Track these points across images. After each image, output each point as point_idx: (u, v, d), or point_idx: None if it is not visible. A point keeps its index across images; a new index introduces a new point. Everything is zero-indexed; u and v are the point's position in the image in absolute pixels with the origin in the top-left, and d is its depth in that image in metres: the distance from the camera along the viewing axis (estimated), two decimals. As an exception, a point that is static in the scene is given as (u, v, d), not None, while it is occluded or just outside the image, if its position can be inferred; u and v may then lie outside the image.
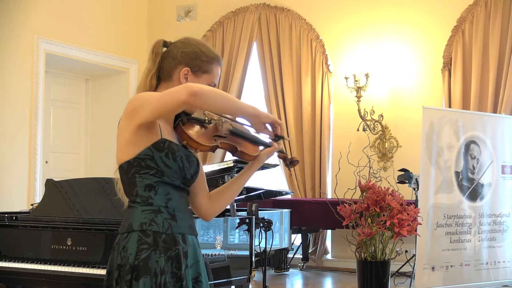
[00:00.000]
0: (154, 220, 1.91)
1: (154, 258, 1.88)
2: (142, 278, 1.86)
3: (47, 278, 3.45)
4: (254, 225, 4.04)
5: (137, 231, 1.90)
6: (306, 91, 7.41)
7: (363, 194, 4.85)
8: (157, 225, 1.90)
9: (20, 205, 6.08)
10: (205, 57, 2.03)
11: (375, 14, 7.25)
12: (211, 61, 2.04)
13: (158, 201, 1.92)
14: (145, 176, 1.92)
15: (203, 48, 2.05)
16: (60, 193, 3.77)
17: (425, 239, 5.21)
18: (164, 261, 1.89)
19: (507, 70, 6.50)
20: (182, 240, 1.94)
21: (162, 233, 1.90)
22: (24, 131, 6.82)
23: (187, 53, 2.02)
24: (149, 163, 1.91)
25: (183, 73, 2.00)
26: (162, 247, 1.89)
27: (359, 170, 5.12)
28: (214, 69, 2.05)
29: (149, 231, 1.90)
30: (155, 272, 1.87)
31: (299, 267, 7.23)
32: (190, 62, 2.01)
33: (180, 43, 2.07)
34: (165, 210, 1.92)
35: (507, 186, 5.75)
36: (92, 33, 7.62)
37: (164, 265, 1.88)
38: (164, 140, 1.92)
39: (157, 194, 1.92)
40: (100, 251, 3.37)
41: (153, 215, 1.91)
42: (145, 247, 1.89)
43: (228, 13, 7.91)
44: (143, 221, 1.91)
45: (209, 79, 2.03)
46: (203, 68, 2.02)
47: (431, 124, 5.34)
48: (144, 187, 1.92)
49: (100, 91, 8.27)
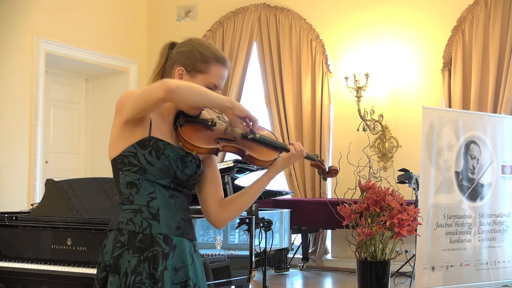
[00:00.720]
0: (132, 219, 1.89)
1: (126, 257, 1.87)
2: (110, 276, 1.87)
3: (47, 278, 3.45)
4: (254, 225, 4.04)
5: (114, 229, 1.91)
6: (306, 91, 7.41)
7: (363, 194, 4.86)
8: (134, 225, 1.88)
9: (20, 205, 6.09)
10: (200, 56, 1.98)
11: (375, 14, 7.25)
12: (207, 60, 1.98)
13: (138, 199, 1.90)
14: (127, 173, 1.91)
15: (199, 47, 2.00)
16: (60, 193, 3.77)
17: (425, 239, 5.21)
18: (138, 261, 1.86)
19: (507, 70, 6.50)
20: (164, 241, 1.90)
21: (138, 233, 1.88)
22: (24, 131, 6.82)
23: (181, 52, 2.01)
24: (132, 160, 1.90)
25: (178, 73, 1.98)
26: (137, 247, 1.87)
27: (359, 170, 5.13)
28: (213, 69, 1.98)
29: (124, 230, 1.89)
30: (126, 271, 1.86)
31: (299, 267, 7.23)
32: (185, 61, 1.99)
33: (180, 43, 2.05)
34: (145, 209, 1.89)
35: (507, 186, 5.75)
36: (92, 33, 7.62)
37: (137, 265, 1.86)
38: (150, 138, 1.90)
39: (138, 192, 1.90)
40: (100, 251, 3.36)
41: (131, 215, 1.90)
42: (119, 245, 1.88)
43: (228, 13, 7.91)
44: (121, 220, 1.90)
45: (205, 79, 1.97)
46: (197, 67, 1.98)
47: (431, 124, 5.34)
48: (126, 184, 1.91)
49: (100, 91, 8.27)
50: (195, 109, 1.97)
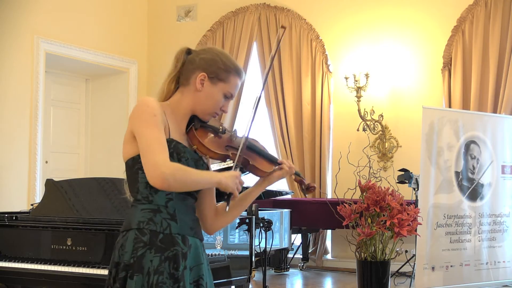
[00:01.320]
0: (152, 219, 1.91)
1: (148, 257, 1.88)
2: (135, 276, 1.87)
3: (47, 278, 3.45)
4: (254, 225, 4.04)
5: (134, 229, 1.92)
6: (306, 91, 7.41)
7: (363, 194, 4.86)
8: (155, 224, 1.91)
9: (20, 205, 6.09)
10: (223, 65, 2.04)
11: (375, 14, 7.25)
12: (228, 69, 2.05)
13: (158, 199, 1.93)
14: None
15: (223, 56, 2.07)
16: (60, 193, 3.77)
17: (425, 239, 5.21)
18: (160, 261, 1.88)
19: (507, 70, 6.50)
20: (182, 241, 1.94)
21: (159, 232, 1.90)
22: (24, 131, 6.82)
23: (205, 59, 2.04)
24: None
25: (200, 78, 2.02)
26: (159, 246, 1.89)
27: (359, 170, 5.13)
28: (232, 79, 2.05)
29: (146, 229, 1.90)
30: (148, 271, 1.87)
31: (299, 267, 7.23)
32: (208, 68, 2.03)
33: (201, 50, 2.09)
34: (164, 209, 1.93)
35: (507, 186, 5.75)
36: (92, 33, 7.62)
37: (159, 265, 1.88)
38: (171, 140, 1.94)
39: (158, 192, 1.92)
40: (100, 251, 3.37)
41: (151, 214, 1.92)
42: (141, 245, 1.89)
43: (228, 13, 7.91)
44: (141, 220, 1.91)
45: (225, 88, 2.04)
46: (220, 75, 2.03)
47: (431, 124, 5.34)
48: (145, 184, 1.92)
49: (100, 91, 8.27)
50: (209, 116, 2.04)
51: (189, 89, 2.04)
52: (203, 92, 2.02)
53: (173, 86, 2.06)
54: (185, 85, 2.05)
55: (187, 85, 2.04)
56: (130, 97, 8.10)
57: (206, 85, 2.02)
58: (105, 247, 3.36)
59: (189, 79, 2.04)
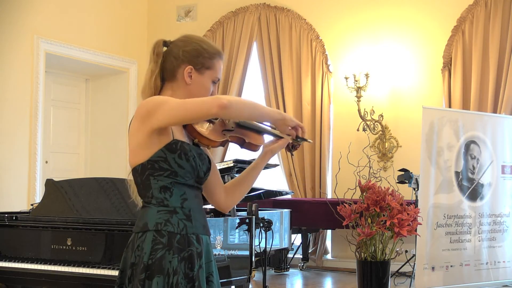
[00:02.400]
0: (169, 220, 1.93)
1: (168, 258, 1.90)
2: (156, 277, 1.88)
3: (47, 278, 3.45)
4: (254, 225, 4.04)
5: (152, 230, 1.92)
6: (306, 91, 7.41)
7: (363, 194, 4.86)
8: (172, 226, 1.92)
9: (20, 205, 6.09)
10: (207, 54, 2.04)
11: (375, 14, 7.25)
12: (213, 56, 2.05)
13: (173, 202, 1.94)
14: (160, 178, 1.93)
15: (204, 44, 2.06)
16: (60, 193, 3.77)
17: (425, 239, 5.21)
18: (177, 262, 1.90)
19: (507, 70, 6.50)
20: (196, 240, 1.96)
21: (176, 233, 1.92)
22: (24, 131, 6.82)
23: (188, 51, 2.03)
24: (163, 164, 1.92)
25: (187, 72, 2.01)
26: (176, 247, 1.91)
27: (359, 170, 5.13)
28: (216, 64, 2.06)
29: (164, 231, 1.91)
30: (168, 272, 1.89)
31: (299, 267, 7.23)
32: (193, 60, 2.02)
33: (180, 42, 2.07)
34: (180, 210, 1.94)
35: (507, 186, 5.75)
36: (92, 33, 7.62)
37: (177, 266, 1.90)
38: (176, 141, 1.93)
39: (172, 195, 1.94)
40: (100, 251, 3.37)
41: (168, 216, 1.93)
42: (160, 247, 1.90)
43: (228, 13, 7.91)
44: (158, 221, 1.92)
45: (212, 75, 2.05)
46: (206, 64, 2.03)
47: (431, 124, 5.34)
48: (159, 189, 1.94)
49: (100, 91, 8.27)
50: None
51: (178, 84, 2.03)
52: (193, 84, 2.02)
53: (159, 82, 2.04)
54: (172, 80, 2.03)
55: (175, 80, 2.03)
56: (130, 97, 8.10)
57: (194, 77, 2.02)
58: (105, 247, 3.36)
59: (176, 73, 2.02)
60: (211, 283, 2.00)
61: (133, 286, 1.91)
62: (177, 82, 2.03)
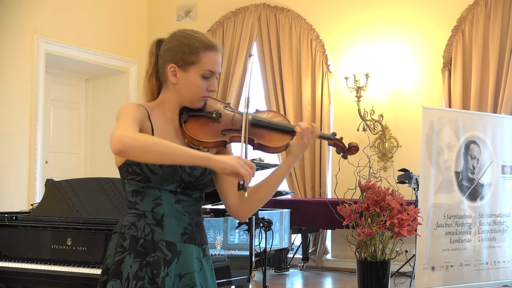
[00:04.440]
0: (135, 224, 1.86)
1: (127, 262, 1.84)
2: (112, 281, 1.84)
3: (47, 278, 3.45)
4: (254, 225, 4.04)
5: (117, 233, 1.89)
6: (306, 91, 7.41)
7: (363, 194, 4.86)
8: (136, 229, 1.85)
9: (20, 205, 6.08)
10: (188, 49, 1.90)
11: (375, 14, 7.25)
12: (196, 50, 1.89)
13: (143, 206, 1.87)
14: (132, 182, 1.87)
15: (184, 39, 1.92)
16: (60, 193, 3.76)
17: (425, 239, 5.21)
18: (140, 266, 1.83)
19: (507, 70, 6.50)
20: (167, 247, 1.86)
21: (140, 238, 1.85)
22: (24, 131, 6.82)
23: (169, 49, 1.93)
24: (135, 168, 1.85)
25: (171, 71, 1.91)
26: (139, 251, 1.84)
27: (359, 170, 5.13)
28: (203, 57, 1.90)
29: (126, 234, 1.86)
30: (128, 276, 1.83)
31: (299, 267, 7.23)
32: (174, 57, 1.91)
33: (167, 40, 1.98)
34: (150, 214, 1.86)
35: (507, 186, 5.75)
36: (92, 33, 7.62)
37: (139, 270, 1.83)
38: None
39: (143, 200, 1.87)
40: (100, 251, 3.37)
41: (135, 219, 1.87)
42: (120, 250, 1.86)
43: (228, 13, 7.91)
44: (124, 224, 1.88)
45: (199, 69, 1.90)
46: (188, 60, 1.90)
47: (431, 124, 5.34)
48: (131, 192, 1.88)
49: (100, 91, 8.27)
50: (198, 102, 1.93)
51: (167, 84, 1.94)
52: (179, 83, 1.91)
53: (155, 82, 1.98)
54: (165, 81, 1.96)
55: (166, 81, 1.95)
56: (130, 97, 8.10)
57: (179, 75, 1.90)
58: (105, 247, 3.36)
59: (165, 74, 1.94)
60: None
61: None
62: (167, 82, 1.94)
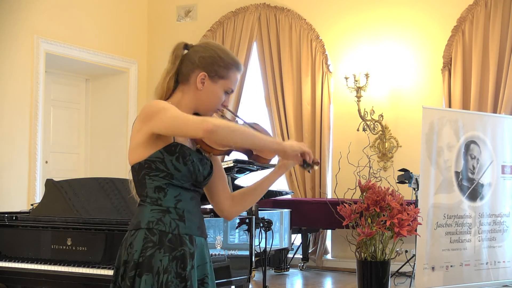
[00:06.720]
0: (161, 219, 1.94)
1: (158, 257, 1.91)
2: (145, 275, 1.90)
3: (47, 278, 3.45)
4: (254, 225, 4.04)
5: (144, 229, 1.94)
6: (306, 91, 7.41)
7: (363, 194, 4.85)
8: (164, 225, 1.93)
9: (20, 205, 6.09)
10: (223, 63, 2.03)
11: (375, 14, 7.25)
12: (228, 66, 2.04)
13: (167, 202, 1.96)
14: (155, 178, 1.95)
15: (221, 53, 2.05)
16: (60, 193, 3.77)
17: (425, 239, 5.21)
18: (168, 261, 1.91)
19: (507, 70, 6.50)
20: (189, 241, 1.97)
21: (168, 232, 1.93)
22: (24, 131, 6.82)
23: (205, 58, 2.03)
24: (159, 165, 1.94)
25: (200, 78, 2.02)
26: (168, 246, 1.92)
27: (359, 170, 5.13)
28: (232, 75, 2.05)
29: (155, 229, 1.93)
30: (158, 270, 1.90)
31: (299, 267, 7.23)
32: (207, 67, 2.02)
33: (199, 47, 2.07)
34: (173, 210, 1.96)
35: (507, 186, 5.75)
36: (92, 33, 7.62)
37: (168, 264, 1.91)
38: (176, 143, 1.95)
39: (166, 196, 1.95)
40: (100, 251, 3.37)
41: (161, 215, 1.94)
42: (150, 245, 1.92)
43: (228, 13, 7.91)
44: (151, 220, 1.94)
45: (225, 85, 2.04)
46: (220, 73, 2.03)
47: (431, 124, 5.34)
48: (154, 188, 1.95)
49: (100, 91, 8.27)
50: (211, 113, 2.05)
51: (189, 87, 2.04)
52: (204, 90, 2.03)
53: (172, 83, 2.05)
54: (185, 83, 2.05)
55: (187, 84, 2.04)
56: (130, 97, 8.10)
57: (206, 84, 2.02)
58: (105, 247, 3.36)
59: (189, 77, 2.03)
60: (207, 284, 2.02)
61: (124, 284, 1.93)
62: (189, 86, 2.04)
